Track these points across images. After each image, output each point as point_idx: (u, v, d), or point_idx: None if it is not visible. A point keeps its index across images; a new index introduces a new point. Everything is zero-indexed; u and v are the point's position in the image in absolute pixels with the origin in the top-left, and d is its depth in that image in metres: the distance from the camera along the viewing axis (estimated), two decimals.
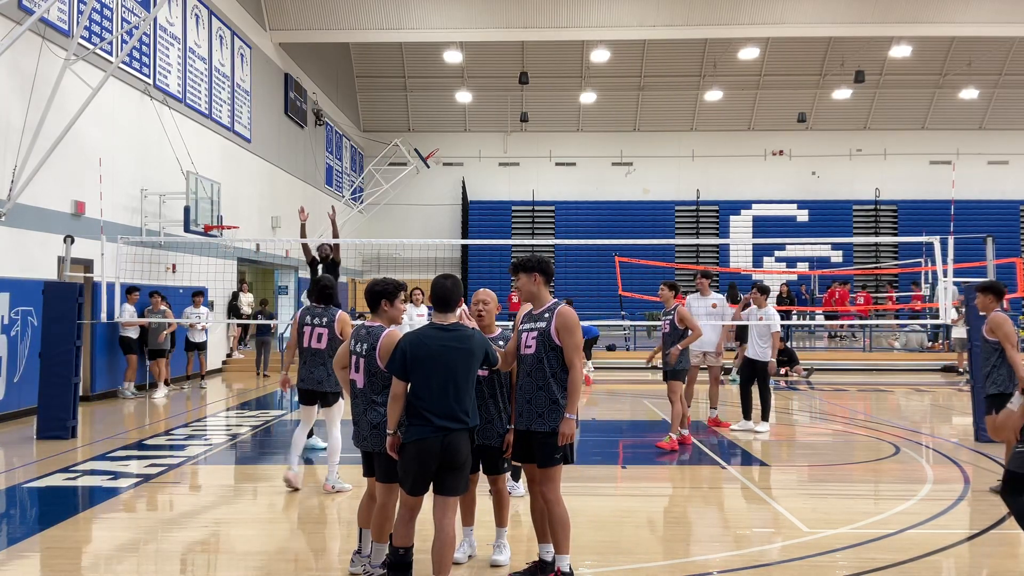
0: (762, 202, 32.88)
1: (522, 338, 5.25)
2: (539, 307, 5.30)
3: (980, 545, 6.16)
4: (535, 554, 5.39)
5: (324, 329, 7.59)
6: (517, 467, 6.90)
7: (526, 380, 5.16)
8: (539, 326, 5.16)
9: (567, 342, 5.13)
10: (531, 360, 5.15)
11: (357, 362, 5.25)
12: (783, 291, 24.46)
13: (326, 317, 7.63)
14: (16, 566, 5.68)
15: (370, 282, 5.49)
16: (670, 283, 10.38)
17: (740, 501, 7.67)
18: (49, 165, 12.29)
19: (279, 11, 22.90)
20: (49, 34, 12.84)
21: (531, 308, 5.41)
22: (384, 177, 30.22)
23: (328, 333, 7.58)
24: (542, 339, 5.13)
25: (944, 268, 12.90)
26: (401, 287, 5.65)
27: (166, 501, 7.60)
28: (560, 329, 5.11)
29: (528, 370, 5.16)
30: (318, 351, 7.62)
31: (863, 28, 24.18)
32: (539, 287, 5.29)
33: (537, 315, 5.26)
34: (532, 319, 5.27)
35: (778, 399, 15.48)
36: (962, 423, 12.18)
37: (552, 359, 5.11)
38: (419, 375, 4.75)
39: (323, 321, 7.62)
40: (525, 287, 5.30)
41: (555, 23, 23.44)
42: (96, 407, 13.47)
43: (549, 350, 5.12)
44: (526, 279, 5.27)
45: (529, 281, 5.26)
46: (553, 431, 5.04)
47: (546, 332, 5.13)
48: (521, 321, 5.39)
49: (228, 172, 19.43)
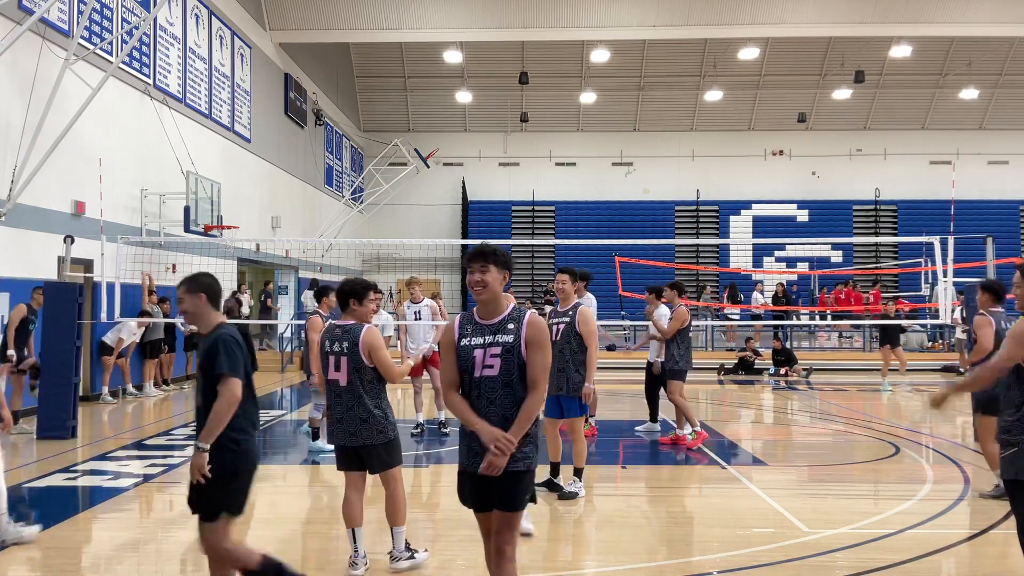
0: (762, 202, 32.87)
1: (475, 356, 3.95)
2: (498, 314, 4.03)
3: (980, 545, 6.16)
4: None
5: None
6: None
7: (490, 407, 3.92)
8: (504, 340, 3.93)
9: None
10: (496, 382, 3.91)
11: (337, 361, 5.34)
12: (779, 291, 24.48)
13: None
14: (16, 566, 5.68)
15: (340, 282, 5.60)
16: (652, 287, 10.60)
17: (740, 501, 7.67)
18: (49, 165, 12.29)
19: (279, 11, 22.89)
20: (49, 34, 12.84)
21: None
22: (384, 177, 30.22)
23: None
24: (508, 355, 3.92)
25: (944, 268, 12.90)
26: (370, 287, 5.69)
27: (166, 501, 7.60)
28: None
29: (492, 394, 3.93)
30: None
31: (863, 28, 24.17)
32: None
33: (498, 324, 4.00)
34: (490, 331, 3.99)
35: (778, 399, 15.49)
36: (962, 423, 12.18)
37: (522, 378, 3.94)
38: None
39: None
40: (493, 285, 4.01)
41: (555, 23, 23.44)
42: (96, 407, 13.47)
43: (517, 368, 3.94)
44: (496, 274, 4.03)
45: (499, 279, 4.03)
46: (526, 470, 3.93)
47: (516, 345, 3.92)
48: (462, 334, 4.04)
49: (228, 172, 19.43)
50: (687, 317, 10.11)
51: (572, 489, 7.43)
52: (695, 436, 9.86)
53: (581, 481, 7.52)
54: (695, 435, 9.87)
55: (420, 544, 5.74)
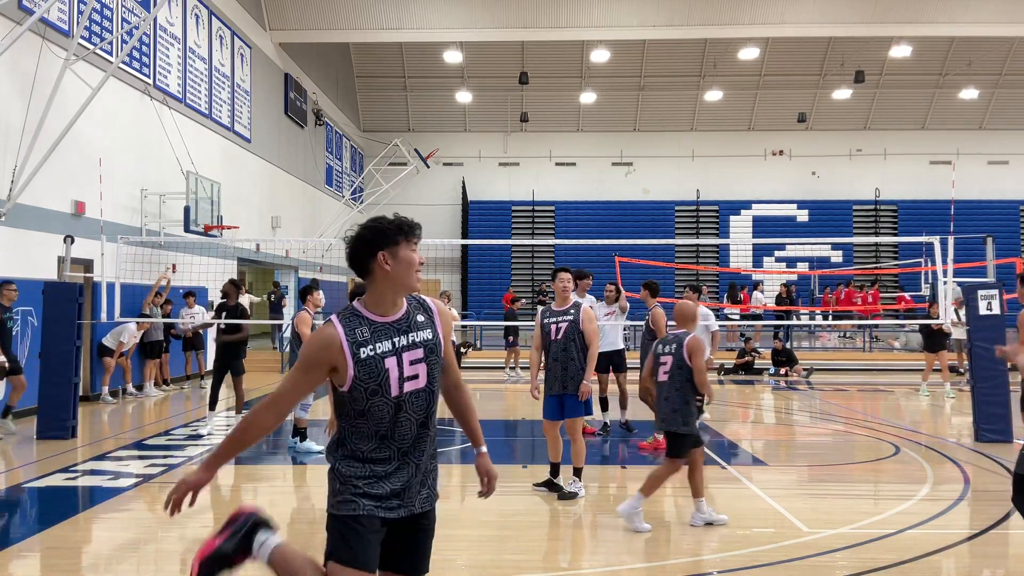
0: (762, 202, 32.88)
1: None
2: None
3: (980, 545, 6.15)
4: None
5: None
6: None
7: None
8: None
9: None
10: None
11: None
12: (783, 292, 24.48)
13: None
14: (16, 566, 5.67)
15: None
16: (647, 283, 10.62)
17: (740, 501, 7.67)
18: (49, 165, 12.29)
19: (279, 11, 22.90)
20: (49, 34, 12.84)
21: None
22: (384, 177, 30.23)
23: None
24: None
25: (944, 268, 12.89)
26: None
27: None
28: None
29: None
30: None
31: (863, 28, 24.18)
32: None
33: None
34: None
35: (778, 399, 15.49)
36: (962, 423, 12.18)
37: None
38: None
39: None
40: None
41: (555, 23, 23.44)
42: (96, 407, 13.47)
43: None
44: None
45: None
46: None
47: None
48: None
49: (228, 172, 19.43)
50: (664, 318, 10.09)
51: (572, 489, 7.43)
52: (652, 440, 9.83)
53: (581, 481, 7.52)
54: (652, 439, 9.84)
55: None
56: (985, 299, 10.48)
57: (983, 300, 10.49)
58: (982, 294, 10.54)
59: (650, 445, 9.88)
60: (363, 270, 3.07)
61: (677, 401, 6.46)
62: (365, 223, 3.15)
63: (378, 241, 3.06)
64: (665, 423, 6.53)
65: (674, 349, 6.55)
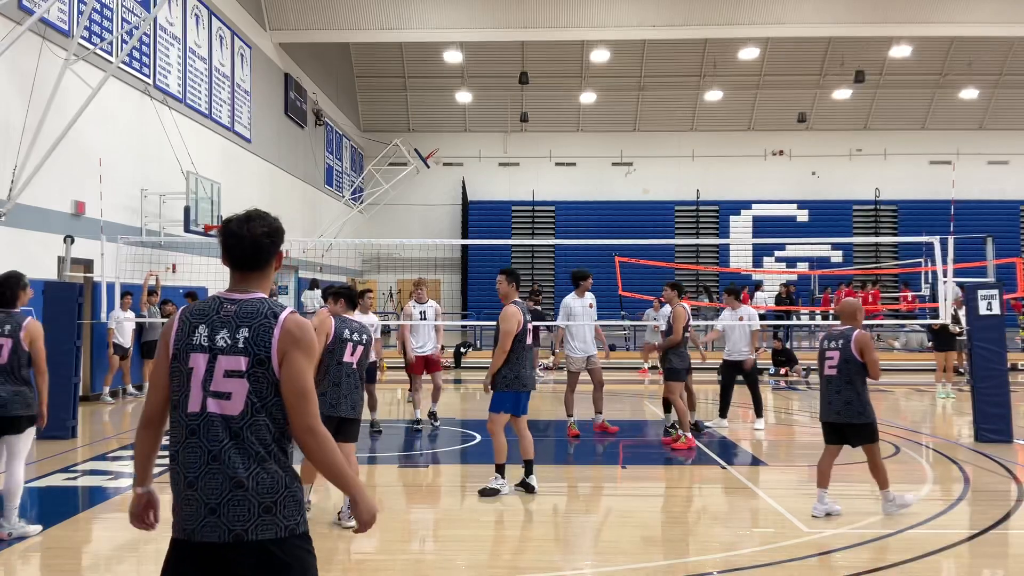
0: (762, 202, 32.88)
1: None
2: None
3: (980, 545, 6.15)
4: None
5: (8, 339, 6.28)
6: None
7: None
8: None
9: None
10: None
11: (355, 348, 6.52)
12: (783, 292, 24.48)
13: (8, 325, 6.35)
14: (16, 566, 5.68)
15: (351, 283, 5.89)
16: (672, 283, 10.74)
17: (740, 501, 7.67)
18: (49, 165, 12.29)
19: (279, 11, 22.89)
20: (49, 34, 12.84)
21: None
22: (384, 177, 30.22)
23: (11, 345, 6.29)
24: None
25: (944, 268, 12.89)
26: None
27: (166, 501, 7.58)
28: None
29: None
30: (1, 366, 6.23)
31: (863, 28, 24.18)
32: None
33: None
34: None
35: (778, 399, 15.48)
36: (962, 423, 12.18)
37: None
38: None
39: (5, 330, 6.31)
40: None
41: (555, 23, 23.44)
42: (96, 407, 13.47)
43: None
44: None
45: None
46: None
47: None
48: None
49: (228, 172, 19.43)
50: (687, 317, 10.23)
51: (494, 485, 7.38)
52: (686, 439, 9.84)
53: (503, 478, 7.44)
54: (686, 439, 9.85)
55: (422, 543, 5.73)
56: (985, 299, 10.48)
57: (983, 300, 10.49)
58: (982, 294, 10.54)
59: (682, 444, 9.81)
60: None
61: (850, 394, 6.70)
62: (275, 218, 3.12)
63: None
64: (840, 415, 6.77)
65: (841, 344, 6.76)
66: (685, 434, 9.84)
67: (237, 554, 2.74)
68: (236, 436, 2.79)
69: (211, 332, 2.88)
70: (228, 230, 3.05)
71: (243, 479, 2.76)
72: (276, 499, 2.78)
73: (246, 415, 2.80)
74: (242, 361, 2.81)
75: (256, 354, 2.82)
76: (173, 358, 2.89)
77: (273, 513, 2.77)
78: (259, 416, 2.80)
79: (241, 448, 2.79)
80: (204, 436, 2.80)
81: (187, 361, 2.86)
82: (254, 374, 2.81)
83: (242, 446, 2.79)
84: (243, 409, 2.80)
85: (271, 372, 2.82)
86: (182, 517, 2.85)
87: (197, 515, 2.80)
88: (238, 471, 2.77)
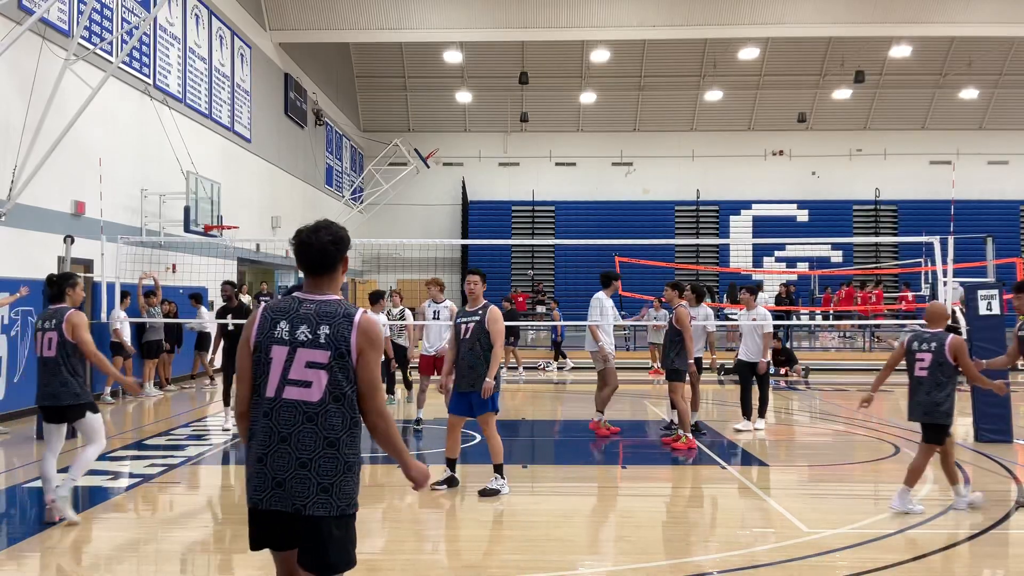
0: (762, 202, 32.87)
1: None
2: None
3: (980, 545, 6.15)
4: None
5: (54, 332, 6.58)
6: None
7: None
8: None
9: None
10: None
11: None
12: (783, 292, 24.49)
13: (54, 319, 6.61)
14: (16, 566, 5.68)
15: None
16: (673, 283, 10.83)
17: (740, 501, 7.67)
18: (49, 165, 12.29)
19: (279, 11, 22.89)
20: (49, 34, 12.84)
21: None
22: (384, 177, 30.22)
23: (57, 338, 6.58)
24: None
25: (944, 268, 12.90)
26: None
27: (166, 501, 7.60)
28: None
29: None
30: (49, 358, 6.60)
31: (863, 28, 24.17)
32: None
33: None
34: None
35: (778, 399, 15.48)
36: (962, 423, 12.16)
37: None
38: None
39: (52, 324, 6.60)
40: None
41: (555, 23, 23.44)
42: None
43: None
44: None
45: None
46: None
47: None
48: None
49: (228, 172, 19.43)
50: (688, 317, 10.27)
51: (494, 486, 7.46)
52: (686, 439, 9.84)
53: (504, 478, 7.52)
54: (686, 439, 9.85)
55: (423, 543, 5.73)
56: (985, 299, 10.48)
57: (983, 300, 10.49)
58: (982, 294, 10.54)
59: (682, 444, 9.81)
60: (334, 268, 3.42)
61: (939, 396, 6.79)
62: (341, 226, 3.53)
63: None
64: (929, 416, 6.86)
65: (934, 348, 6.87)
66: (686, 434, 9.84)
67: (295, 523, 3.16)
68: (311, 420, 3.15)
69: (292, 327, 3.22)
70: (299, 240, 3.40)
71: (307, 460, 3.14)
72: (335, 481, 3.15)
73: (324, 402, 3.16)
74: (324, 354, 3.17)
75: (337, 348, 3.17)
76: (255, 349, 3.25)
77: (330, 493, 3.14)
78: (334, 404, 3.17)
79: (314, 432, 3.15)
80: (276, 419, 3.18)
81: (268, 352, 3.22)
82: (334, 366, 3.16)
83: (315, 431, 3.15)
84: (321, 397, 3.15)
85: (349, 365, 3.19)
86: (252, 487, 3.23)
87: (264, 487, 3.18)
88: (304, 453, 3.14)
